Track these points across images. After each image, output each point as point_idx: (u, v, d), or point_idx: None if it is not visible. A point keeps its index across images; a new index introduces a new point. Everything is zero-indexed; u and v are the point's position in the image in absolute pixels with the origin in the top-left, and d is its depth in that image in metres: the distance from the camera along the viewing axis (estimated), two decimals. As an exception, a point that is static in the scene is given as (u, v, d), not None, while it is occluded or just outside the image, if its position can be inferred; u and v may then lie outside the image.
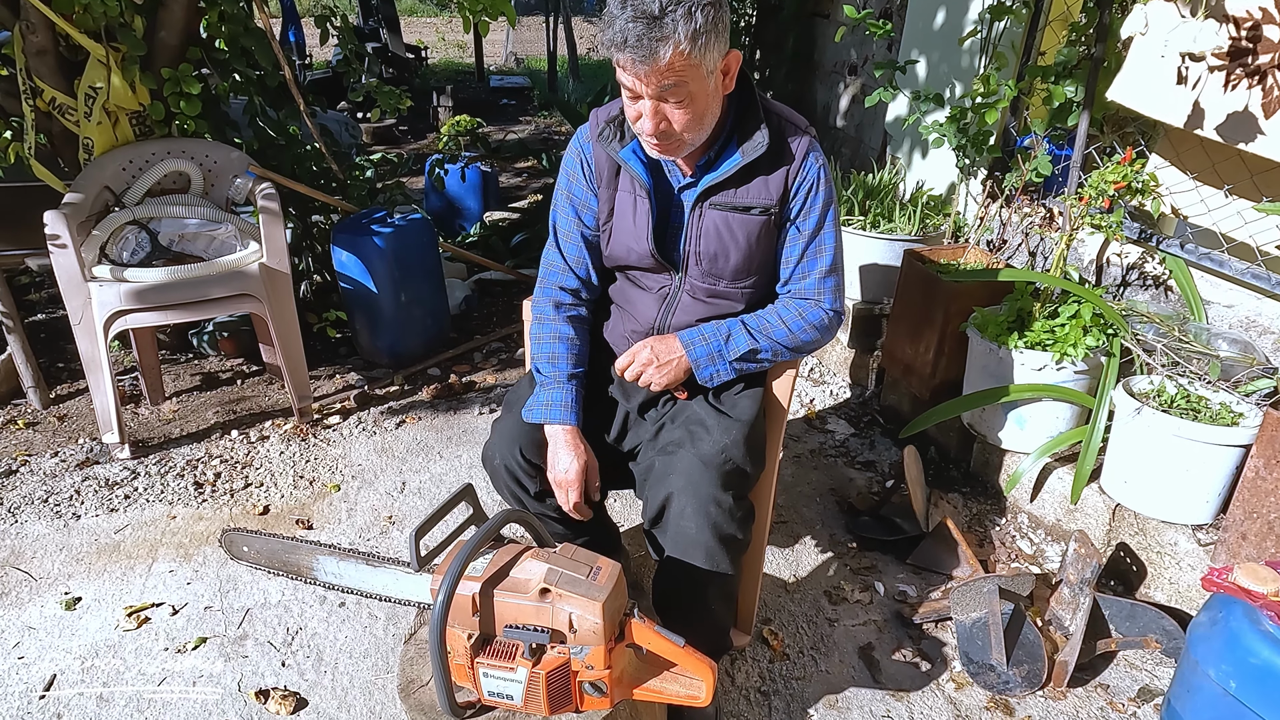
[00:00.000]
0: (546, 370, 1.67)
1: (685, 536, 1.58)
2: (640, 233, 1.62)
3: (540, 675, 1.33)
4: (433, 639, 1.31)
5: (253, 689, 1.89)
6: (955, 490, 2.57)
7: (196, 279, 2.62)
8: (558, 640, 1.33)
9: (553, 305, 1.72)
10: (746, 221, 1.60)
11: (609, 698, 1.38)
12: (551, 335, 1.69)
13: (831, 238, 1.65)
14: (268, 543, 1.69)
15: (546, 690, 1.34)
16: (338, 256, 3.17)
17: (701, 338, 1.62)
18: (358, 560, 1.65)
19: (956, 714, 1.87)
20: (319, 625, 2.07)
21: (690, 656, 1.38)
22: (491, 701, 1.39)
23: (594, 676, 1.35)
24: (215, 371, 3.29)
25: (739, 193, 1.58)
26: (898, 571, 2.29)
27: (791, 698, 1.90)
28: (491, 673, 1.35)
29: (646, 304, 1.71)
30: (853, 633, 2.09)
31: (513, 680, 1.35)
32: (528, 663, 1.32)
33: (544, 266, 1.77)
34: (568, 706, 1.39)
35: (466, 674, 1.37)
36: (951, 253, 2.72)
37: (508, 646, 1.36)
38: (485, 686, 1.37)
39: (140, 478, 2.61)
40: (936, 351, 2.58)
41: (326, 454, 2.76)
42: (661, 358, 1.62)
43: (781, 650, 2.03)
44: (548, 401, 1.64)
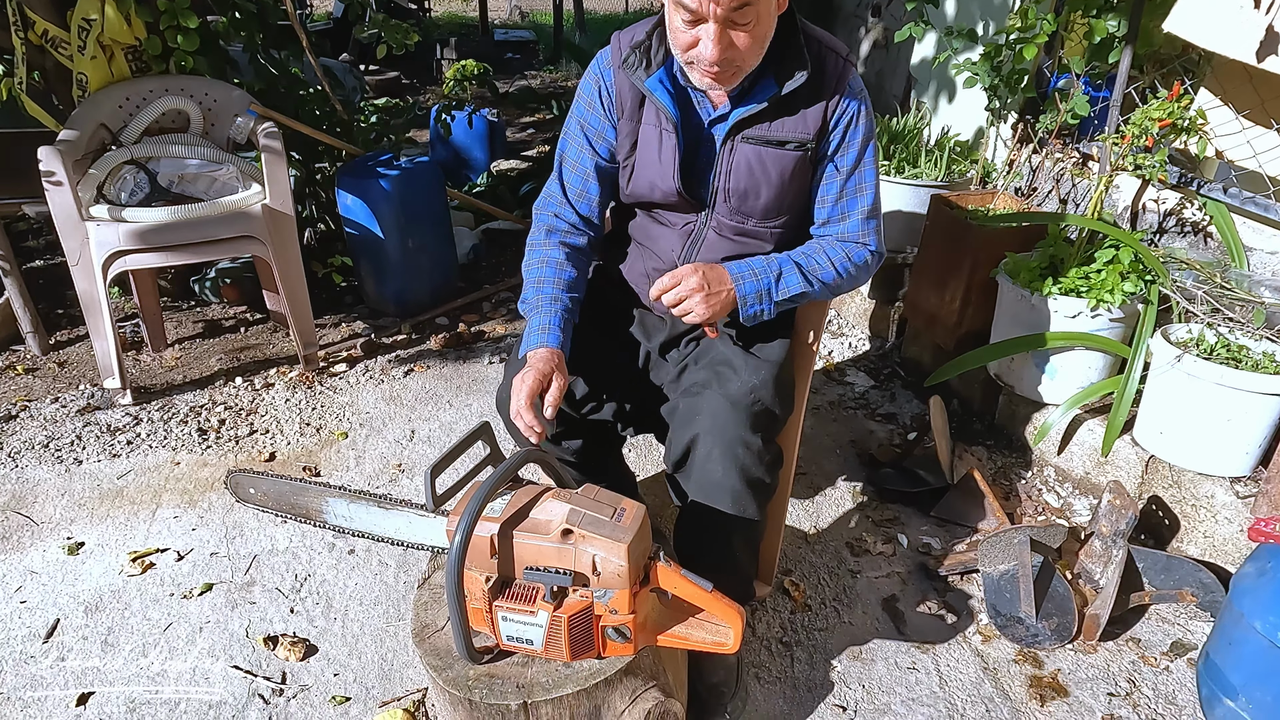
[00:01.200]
0: (531, 296, 1.55)
1: (711, 480, 1.51)
2: (666, 170, 1.52)
3: (562, 619, 1.27)
4: (449, 582, 1.24)
5: (261, 635, 1.84)
6: (979, 443, 2.50)
7: (198, 219, 2.54)
8: (580, 583, 1.26)
9: (544, 231, 1.61)
10: (780, 157, 1.50)
11: (633, 643, 1.32)
12: (539, 260, 1.57)
13: (872, 175, 1.54)
14: (275, 484, 1.62)
15: (568, 635, 1.29)
16: (342, 200, 3.08)
17: (751, 273, 1.49)
18: (369, 502, 1.59)
19: (984, 666, 1.82)
20: (328, 572, 2.02)
21: (718, 602, 1.32)
22: (510, 646, 1.34)
23: (617, 621, 1.29)
24: (218, 319, 3.21)
25: (773, 126, 1.48)
26: (921, 524, 2.23)
27: (814, 649, 1.85)
28: (511, 617, 1.29)
29: (669, 241, 1.62)
30: (876, 584, 2.04)
31: (533, 624, 1.29)
32: (549, 606, 1.26)
33: (542, 196, 1.65)
34: (589, 652, 1.34)
35: (484, 618, 1.32)
36: (980, 199, 2.62)
37: (528, 590, 1.30)
38: (504, 631, 1.31)
39: (143, 424, 2.55)
40: (963, 300, 2.49)
41: (333, 401, 2.70)
42: (712, 286, 1.46)
43: (803, 601, 1.98)
44: (531, 329, 1.51)
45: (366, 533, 1.58)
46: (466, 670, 1.36)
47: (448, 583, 1.25)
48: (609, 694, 1.36)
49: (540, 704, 1.32)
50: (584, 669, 1.34)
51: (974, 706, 1.72)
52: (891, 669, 1.81)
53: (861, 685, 1.77)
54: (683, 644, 1.38)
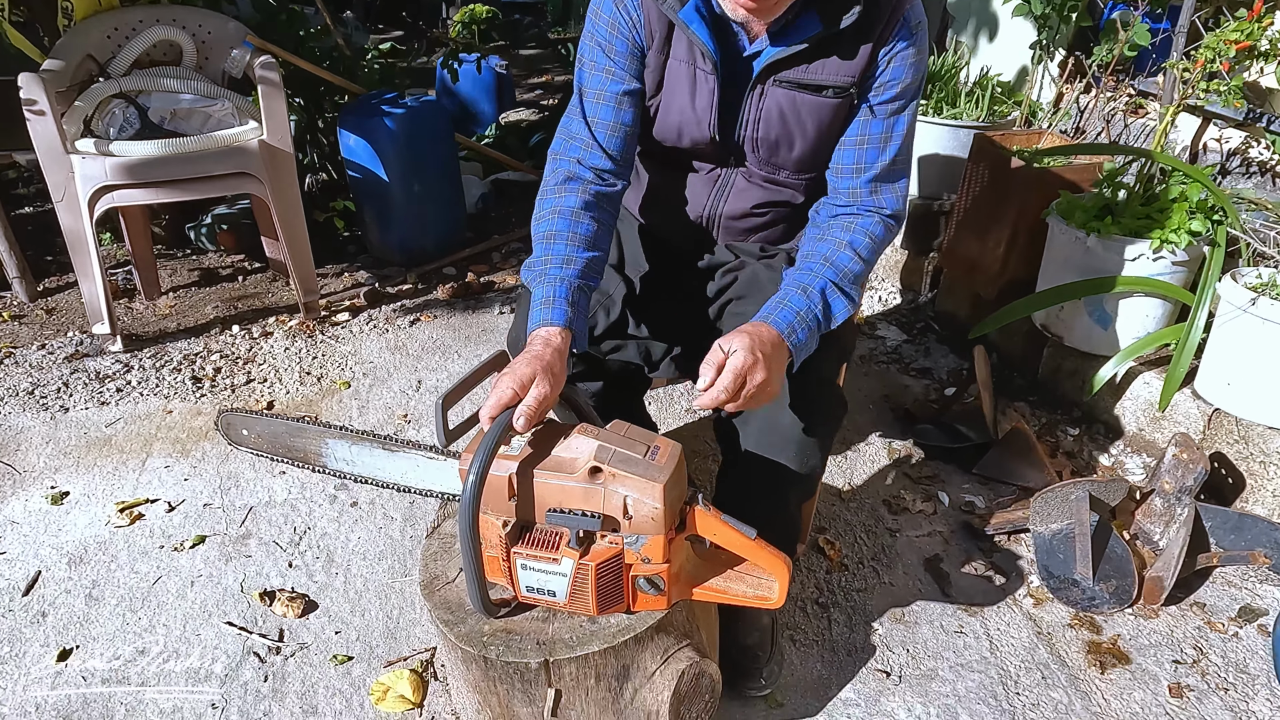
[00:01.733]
0: (538, 257, 1.29)
1: (777, 428, 1.35)
2: (702, 117, 1.33)
3: (589, 568, 1.13)
4: (462, 526, 1.10)
5: (256, 590, 1.71)
6: (1021, 399, 2.35)
7: (190, 154, 2.38)
8: (609, 528, 1.13)
9: (562, 178, 1.34)
10: (818, 106, 1.31)
11: (666, 596, 1.19)
12: (551, 211, 1.31)
13: (904, 124, 1.33)
14: (271, 425, 1.48)
15: (595, 586, 1.15)
16: (345, 141, 2.91)
17: (799, 318, 1.23)
18: (373, 444, 1.44)
19: (1037, 631, 1.68)
20: (329, 525, 1.88)
21: (763, 550, 1.18)
22: (530, 599, 1.20)
23: (650, 571, 1.15)
24: (215, 267, 3.06)
25: (811, 69, 1.27)
26: (963, 481, 2.08)
27: (853, 610, 1.72)
28: (531, 565, 1.15)
29: (694, 187, 1.45)
30: (916, 544, 1.90)
31: (556, 574, 1.15)
32: (574, 553, 1.12)
33: (558, 140, 1.37)
34: (618, 605, 1.20)
35: (501, 568, 1.18)
36: (1025, 139, 2.45)
37: (550, 535, 1.16)
38: (523, 581, 1.17)
39: (133, 371, 2.41)
40: (1007, 246, 2.33)
41: (335, 351, 2.55)
42: (774, 366, 1.16)
43: (839, 561, 1.84)
44: (534, 301, 1.26)
45: (369, 478, 1.44)
46: (481, 625, 1.23)
47: (461, 528, 1.11)
48: (639, 653, 1.22)
49: (563, 663, 1.18)
50: (611, 625, 1.20)
51: (1028, 673, 1.59)
52: (937, 632, 1.67)
53: (905, 649, 1.63)
54: (722, 598, 1.24)
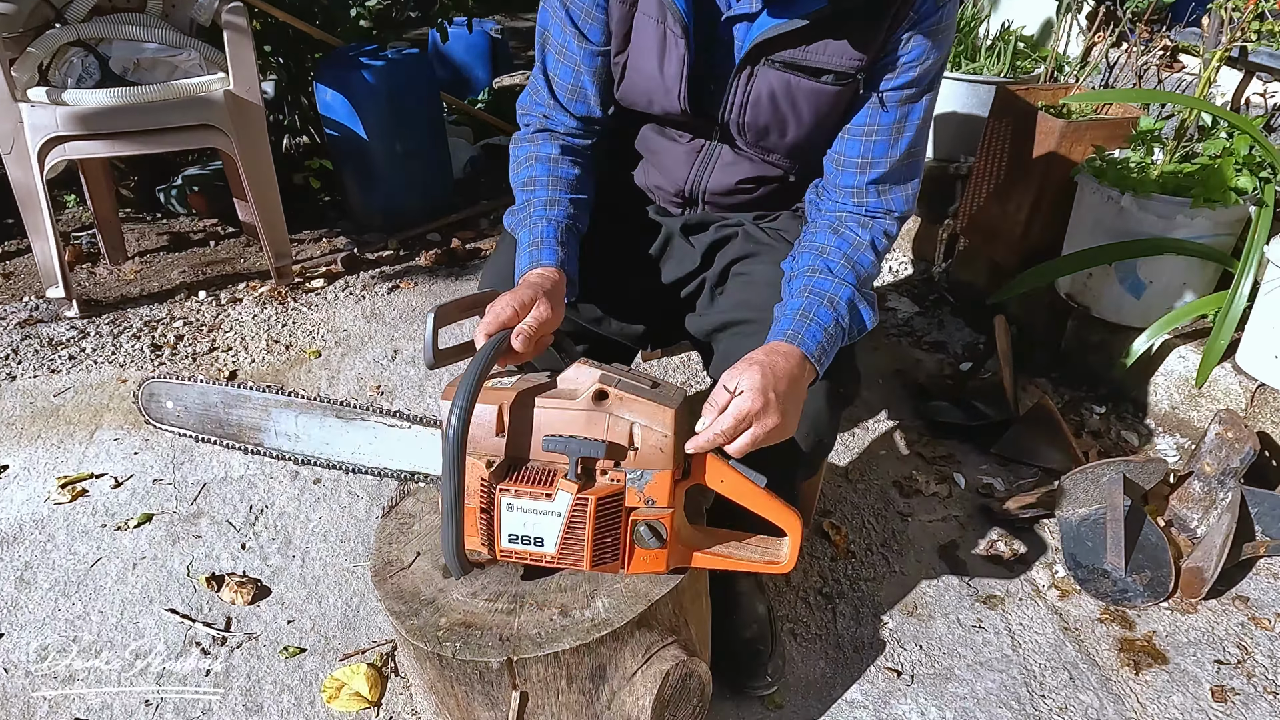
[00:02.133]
0: (520, 202, 1.21)
1: None
2: (670, 85, 1.14)
3: (588, 503, 0.98)
4: (447, 465, 0.95)
5: (204, 574, 1.55)
6: (1043, 375, 2.18)
7: (149, 104, 2.21)
8: (613, 459, 0.99)
9: (534, 129, 1.25)
10: (816, 92, 1.12)
11: (665, 552, 1.05)
12: (528, 158, 1.23)
13: (919, 114, 1.14)
14: (203, 394, 1.30)
15: (593, 527, 1.00)
16: (322, 96, 2.73)
17: (828, 336, 1.06)
18: (324, 412, 1.28)
19: (1063, 626, 1.52)
20: (288, 504, 1.73)
21: (773, 502, 1.05)
22: (510, 552, 1.04)
23: (653, 515, 1.02)
24: (186, 232, 2.89)
25: (811, 49, 1.09)
26: (980, 462, 1.92)
27: (860, 601, 1.56)
28: (519, 504, 1.00)
29: (674, 159, 1.27)
30: (930, 529, 1.73)
31: (547, 513, 1.00)
32: (572, 486, 0.97)
33: (526, 92, 1.26)
34: (613, 562, 1.05)
35: (478, 522, 1.02)
36: (1051, 95, 2.26)
37: (543, 470, 1.01)
38: (507, 528, 1.02)
39: (89, 338, 2.25)
40: (1031, 209, 2.15)
41: (307, 318, 2.39)
42: (790, 405, 1.00)
43: (845, 547, 1.68)
44: (521, 246, 1.17)
45: (316, 456, 1.27)
46: (437, 618, 1.07)
47: (444, 468, 0.95)
48: (617, 651, 1.07)
49: (529, 662, 1.03)
50: (585, 619, 1.05)
51: (1055, 673, 1.43)
52: (953, 627, 1.51)
53: (918, 645, 1.48)
54: (725, 564, 1.11)
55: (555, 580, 1.11)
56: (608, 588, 1.09)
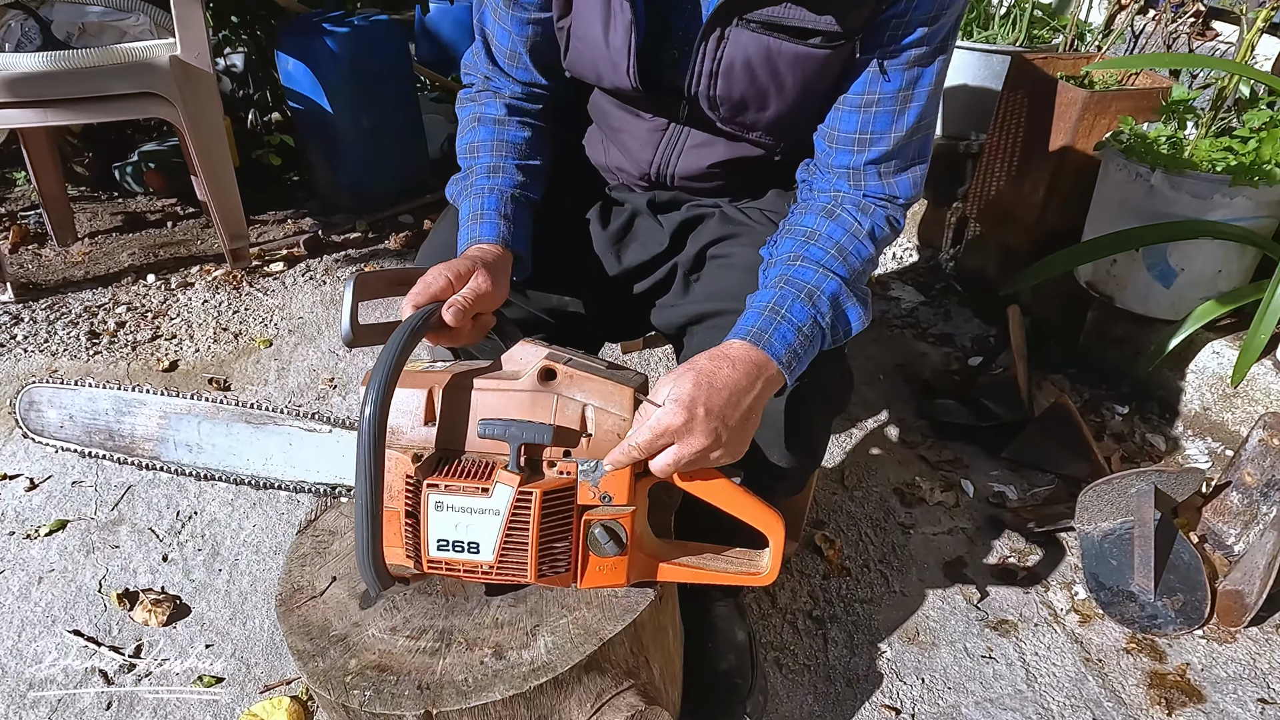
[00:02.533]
0: (464, 170, 1.07)
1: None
2: (617, 57, 0.95)
3: (533, 498, 0.81)
4: (361, 458, 0.78)
5: (117, 589, 1.38)
6: (1058, 372, 1.99)
7: (88, 70, 2.02)
8: (562, 445, 0.83)
9: (478, 90, 1.10)
10: (802, 57, 0.92)
11: (625, 562, 0.88)
12: (472, 120, 1.08)
13: (929, 80, 0.94)
14: (91, 400, 1.12)
15: (538, 528, 0.83)
16: (283, 66, 2.55)
17: (802, 338, 0.88)
18: (231, 418, 1.10)
19: (1084, 656, 1.34)
20: (220, 510, 1.55)
21: (750, 501, 0.89)
22: (439, 561, 0.87)
23: (610, 515, 0.86)
24: (142, 212, 2.71)
25: (794, 7, 0.89)
26: (989, 467, 1.74)
27: (855, 626, 1.38)
28: (450, 501, 0.83)
29: (637, 139, 1.08)
30: (934, 543, 1.56)
31: (485, 512, 0.83)
32: (514, 478, 0.81)
33: (469, 53, 1.11)
34: (563, 572, 0.89)
35: (401, 528, 0.86)
36: (1072, 64, 2.07)
37: (481, 462, 0.85)
38: (435, 531, 0.85)
39: (22, 324, 2.07)
40: (1048, 189, 1.97)
41: (261, 304, 2.21)
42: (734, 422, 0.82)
43: (839, 563, 1.50)
44: (461, 220, 1.02)
45: (221, 470, 1.10)
46: (345, 659, 0.90)
47: (359, 462, 0.78)
48: (560, 701, 0.90)
49: (452, 716, 0.85)
50: (522, 662, 0.87)
51: (1075, 712, 1.25)
52: (959, 657, 1.34)
53: (919, 678, 1.30)
54: (695, 576, 0.94)
55: (490, 613, 0.94)
56: (552, 623, 0.92)
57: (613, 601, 0.94)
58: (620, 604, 0.93)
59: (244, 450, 1.10)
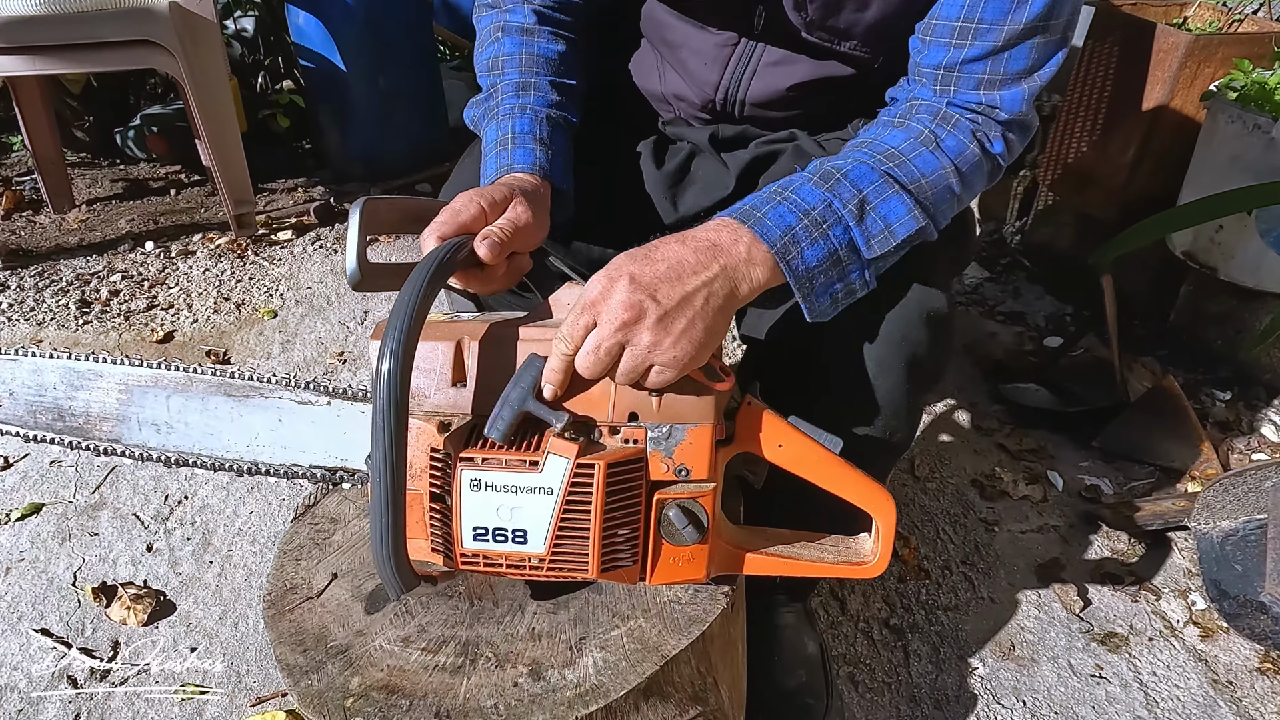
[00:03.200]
0: (487, 87, 0.88)
1: (864, 362, 0.83)
2: None
3: (595, 472, 0.64)
4: (378, 429, 0.61)
5: (92, 583, 1.21)
6: (1147, 353, 1.79)
7: (80, 14, 1.86)
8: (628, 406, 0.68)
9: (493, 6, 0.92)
10: None
11: (707, 548, 0.71)
12: (495, 30, 0.89)
13: None
14: (36, 372, 0.93)
15: (601, 510, 0.65)
16: (294, 20, 2.37)
17: (806, 219, 0.68)
18: (208, 390, 0.92)
19: (1211, 677, 1.15)
20: (213, 494, 1.38)
21: (854, 475, 0.72)
22: (477, 554, 0.69)
23: (688, 494, 0.68)
24: (145, 179, 2.55)
25: None
26: (1078, 457, 1.54)
27: (940, 637, 1.19)
28: (490, 479, 0.66)
29: (702, 55, 0.89)
30: (1023, 542, 1.36)
31: (535, 491, 0.66)
32: (571, 447, 0.64)
33: None
34: (628, 565, 0.71)
35: (426, 515, 0.70)
36: (1164, 11, 1.86)
37: (525, 430, 0.68)
38: (471, 518, 0.67)
39: (8, 291, 1.91)
40: (1140, 148, 1.76)
41: (266, 274, 2.03)
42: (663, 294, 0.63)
43: (916, 563, 1.31)
44: (487, 146, 0.83)
45: (196, 453, 0.91)
46: (346, 677, 0.73)
47: (375, 434, 0.61)
48: (614, 733, 0.71)
49: (477, 753, 0.68)
50: (565, 685, 0.70)
51: (1208, 744, 1.06)
52: (1064, 676, 1.14)
53: (1020, 700, 1.11)
54: (788, 568, 0.77)
55: (525, 622, 0.76)
56: (602, 635, 0.74)
57: (675, 609, 0.76)
58: (685, 612, 0.75)
59: (223, 429, 0.91)
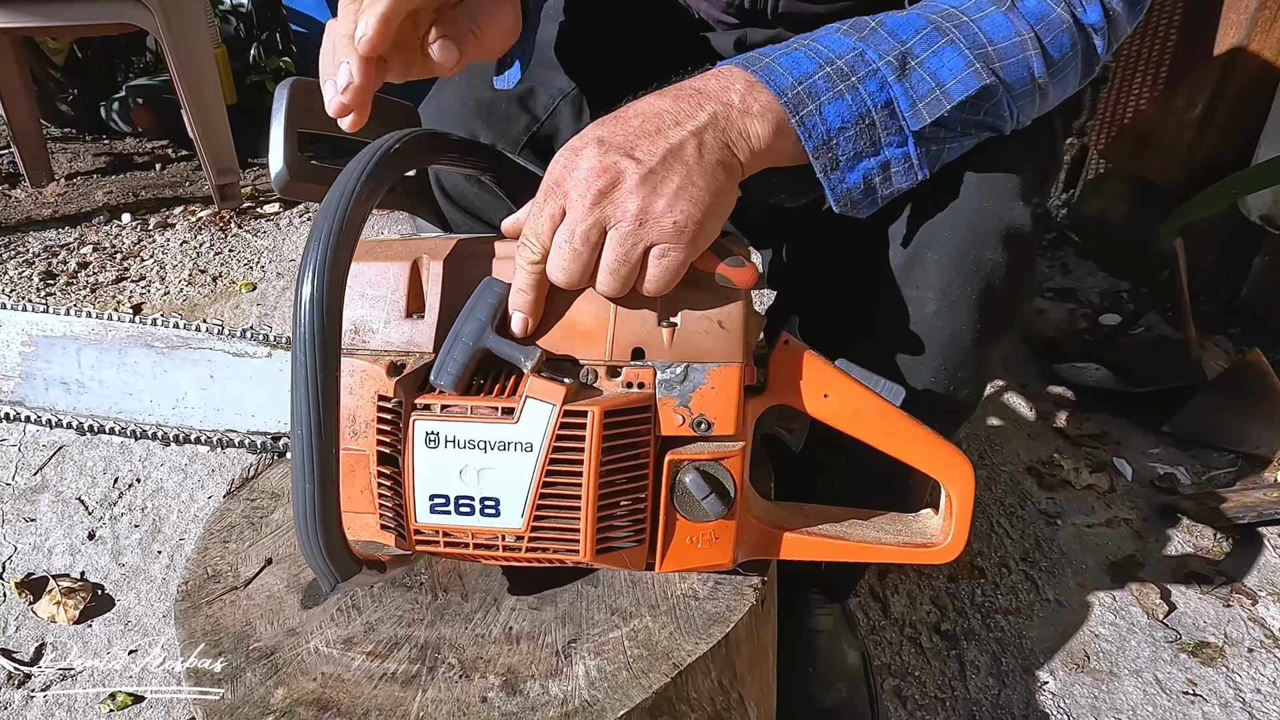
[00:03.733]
0: None
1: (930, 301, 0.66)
2: None
3: (589, 420, 0.49)
4: (299, 374, 0.44)
5: (20, 575, 1.06)
6: (1215, 331, 1.60)
7: (48, -36, 1.72)
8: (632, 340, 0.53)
9: None
10: None
11: (734, 525, 0.55)
12: None
13: None
14: None
15: (596, 472, 0.50)
16: (285, -17, 2.24)
17: (817, 61, 0.54)
18: (128, 341, 0.77)
19: (1327, 697, 0.96)
20: (168, 476, 1.23)
21: (921, 433, 0.56)
22: (434, 530, 0.52)
23: (710, 454, 0.52)
24: (129, 153, 2.42)
25: None
26: (1147, 444, 1.36)
27: (1000, 645, 1.02)
28: (452, 432, 0.49)
29: None
30: (1091, 537, 1.18)
31: (509, 447, 0.50)
32: (557, 389, 0.49)
33: None
34: (630, 545, 0.54)
35: (373, 483, 0.53)
36: (1231, -45, 1.68)
37: (498, 373, 0.53)
38: (427, 484, 0.51)
39: (-31, 263, 1.78)
40: (1210, 102, 1.58)
41: (248, 246, 1.88)
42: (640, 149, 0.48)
43: (969, 560, 1.14)
44: None
45: (112, 418, 0.76)
46: (269, 688, 0.57)
47: (295, 381, 0.44)
48: (611, 765, 0.55)
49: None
50: (548, 703, 0.54)
51: (1333, 778, 0.88)
52: (1152, 693, 0.96)
53: (1100, 719, 0.93)
54: (840, 551, 0.59)
55: (500, 620, 0.60)
56: (597, 637, 0.57)
57: (690, 606, 0.59)
58: (703, 610, 0.59)
59: (145, 388, 0.76)
